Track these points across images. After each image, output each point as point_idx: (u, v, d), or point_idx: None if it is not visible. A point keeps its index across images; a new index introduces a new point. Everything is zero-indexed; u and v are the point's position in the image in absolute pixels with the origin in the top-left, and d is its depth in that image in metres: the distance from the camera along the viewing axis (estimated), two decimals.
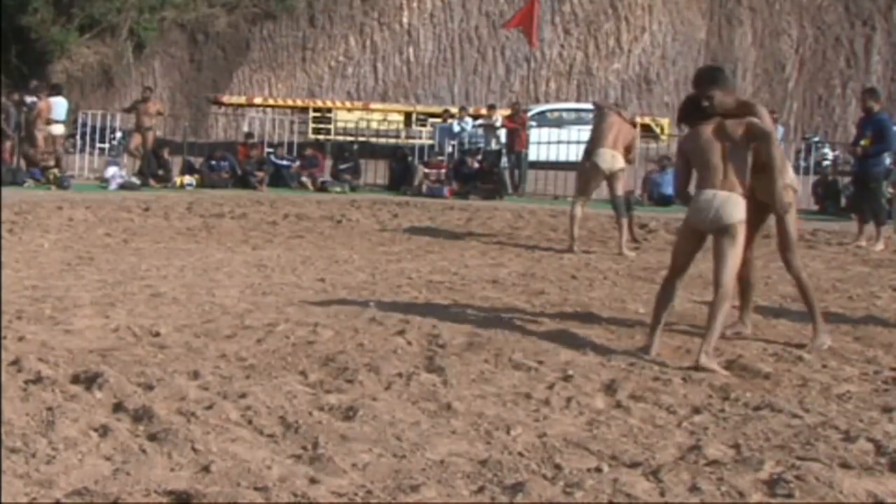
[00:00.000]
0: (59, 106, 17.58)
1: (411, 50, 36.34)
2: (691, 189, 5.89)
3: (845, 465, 3.67)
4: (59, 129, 17.49)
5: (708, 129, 5.70)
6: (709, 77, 5.85)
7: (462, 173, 18.05)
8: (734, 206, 5.54)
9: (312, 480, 3.42)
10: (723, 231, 5.56)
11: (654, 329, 5.68)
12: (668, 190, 16.51)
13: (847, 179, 17.23)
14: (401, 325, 6.07)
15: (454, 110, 24.12)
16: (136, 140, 18.79)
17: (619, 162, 10.52)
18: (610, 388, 4.78)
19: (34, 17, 31.93)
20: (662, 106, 34.01)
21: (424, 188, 17.69)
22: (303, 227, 12.03)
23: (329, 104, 31.04)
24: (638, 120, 11.32)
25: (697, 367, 5.22)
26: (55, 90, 18.49)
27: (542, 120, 25.28)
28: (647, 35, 36.66)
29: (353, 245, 10.56)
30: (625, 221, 10.64)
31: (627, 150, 10.75)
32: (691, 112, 5.84)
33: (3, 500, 3.16)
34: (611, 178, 10.57)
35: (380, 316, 6.35)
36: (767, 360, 5.44)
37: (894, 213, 14.21)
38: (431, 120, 27.46)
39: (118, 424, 3.98)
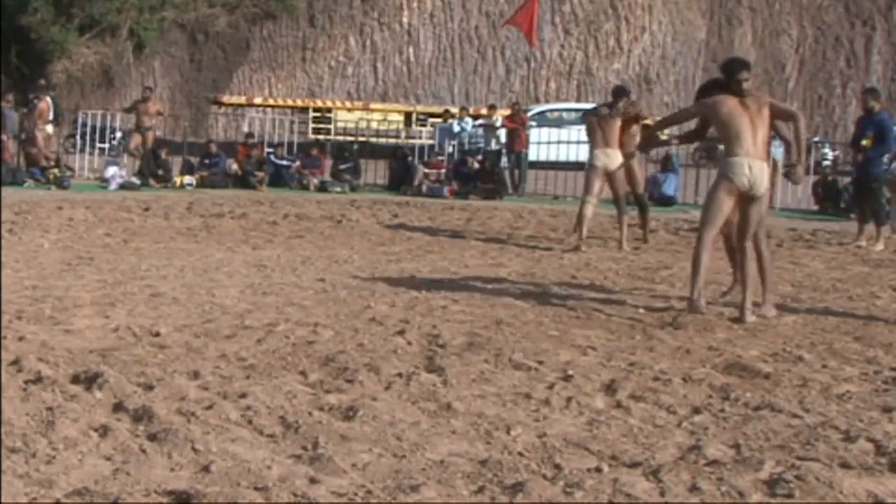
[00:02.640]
0: None
1: (411, 50, 36.33)
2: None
3: (845, 465, 3.67)
4: (49, 129, 17.57)
5: (732, 100, 6.47)
6: (741, 63, 6.70)
7: (462, 173, 18.06)
8: (765, 176, 6.46)
9: (312, 480, 3.42)
10: (754, 199, 6.49)
11: (695, 286, 6.42)
12: (670, 190, 16.53)
13: (847, 179, 17.25)
14: (401, 325, 6.06)
15: (454, 110, 24.13)
16: (136, 140, 18.80)
17: (615, 159, 10.63)
18: (610, 388, 4.78)
19: (34, 17, 31.92)
20: (662, 106, 34.01)
21: (424, 188, 17.70)
22: (303, 227, 12.02)
23: (329, 104, 31.04)
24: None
25: (759, 317, 6.45)
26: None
27: (542, 120, 25.29)
28: (647, 35, 36.65)
29: (353, 245, 10.56)
30: (626, 219, 10.87)
31: (626, 133, 10.77)
32: (712, 90, 6.73)
33: (3, 501, 3.16)
34: (611, 176, 10.68)
35: (380, 316, 6.35)
36: (767, 360, 5.44)
37: (894, 213, 14.23)
38: (431, 120, 27.48)
39: (118, 424, 3.98)
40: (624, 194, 10.91)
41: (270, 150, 19.57)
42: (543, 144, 20.09)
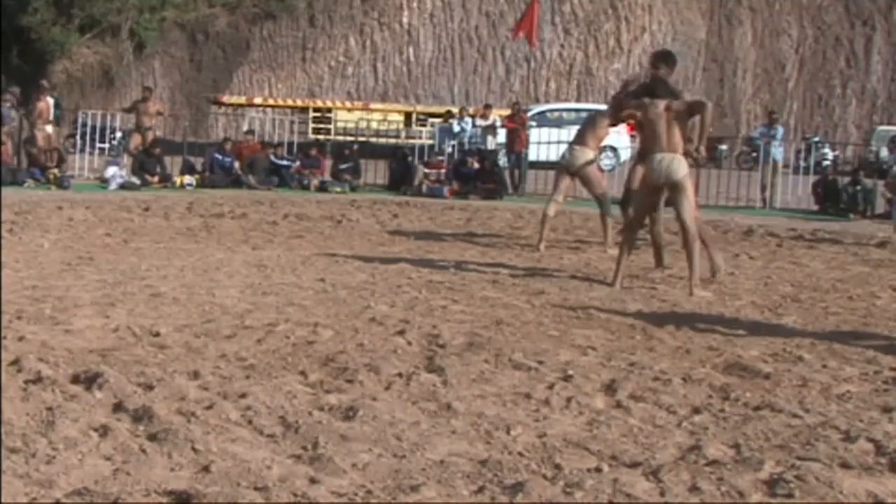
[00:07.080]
0: None
1: (411, 50, 36.34)
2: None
3: (845, 465, 3.67)
4: (49, 129, 17.58)
5: (660, 105, 7.75)
6: (662, 56, 8.48)
7: (462, 173, 18.06)
8: (679, 165, 7.65)
9: (312, 480, 3.42)
10: (673, 186, 7.68)
11: (619, 271, 7.85)
12: None
13: (846, 179, 17.27)
14: (401, 325, 6.06)
15: (454, 110, 24.15)
16: (136, 140, 18.78)
17: (580, 157, 10.32)
18: (610, 388, 4.78)
19: (34, 17, 31.94)
20: None
21: (424, 188, 17.70)
22: (303, 227, 12.02)
23: (329, 104, 31.05)
24: None
25: (692, 295, 7.39)
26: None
27: (542, 120, 25.29)
28: (647, 35, 36.66)
29: (353, 245, 10.56)
30: (609, 220, 10.54)
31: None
32: (641, 94, 8.07)
33: (3, 501, 3.16)
34: (578, 174, 10.50)
35: (380, 316, 6.35)
36: (767, 360, 5.44)
37: (894, 214, 14.25)
38: (431, 120, 27.50)
39: (118, 424, 3.98)
40: (601, 193, 10.57)
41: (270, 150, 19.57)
42: (543, 144, 20.09)
